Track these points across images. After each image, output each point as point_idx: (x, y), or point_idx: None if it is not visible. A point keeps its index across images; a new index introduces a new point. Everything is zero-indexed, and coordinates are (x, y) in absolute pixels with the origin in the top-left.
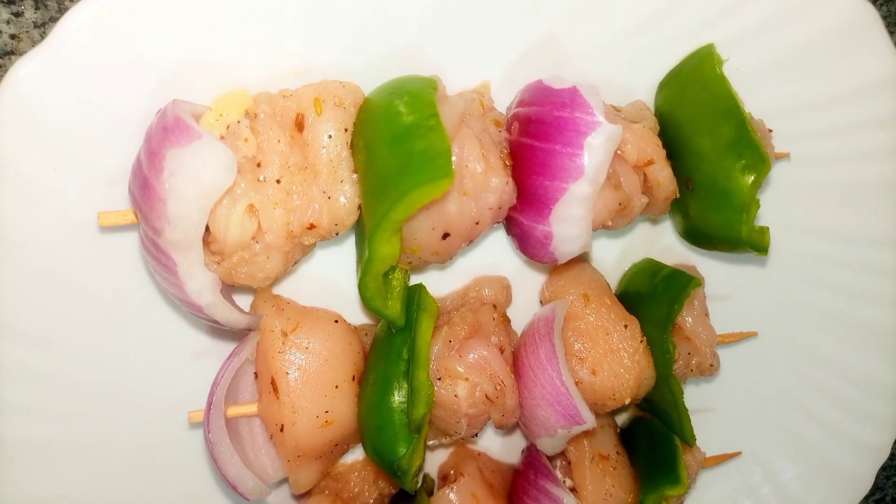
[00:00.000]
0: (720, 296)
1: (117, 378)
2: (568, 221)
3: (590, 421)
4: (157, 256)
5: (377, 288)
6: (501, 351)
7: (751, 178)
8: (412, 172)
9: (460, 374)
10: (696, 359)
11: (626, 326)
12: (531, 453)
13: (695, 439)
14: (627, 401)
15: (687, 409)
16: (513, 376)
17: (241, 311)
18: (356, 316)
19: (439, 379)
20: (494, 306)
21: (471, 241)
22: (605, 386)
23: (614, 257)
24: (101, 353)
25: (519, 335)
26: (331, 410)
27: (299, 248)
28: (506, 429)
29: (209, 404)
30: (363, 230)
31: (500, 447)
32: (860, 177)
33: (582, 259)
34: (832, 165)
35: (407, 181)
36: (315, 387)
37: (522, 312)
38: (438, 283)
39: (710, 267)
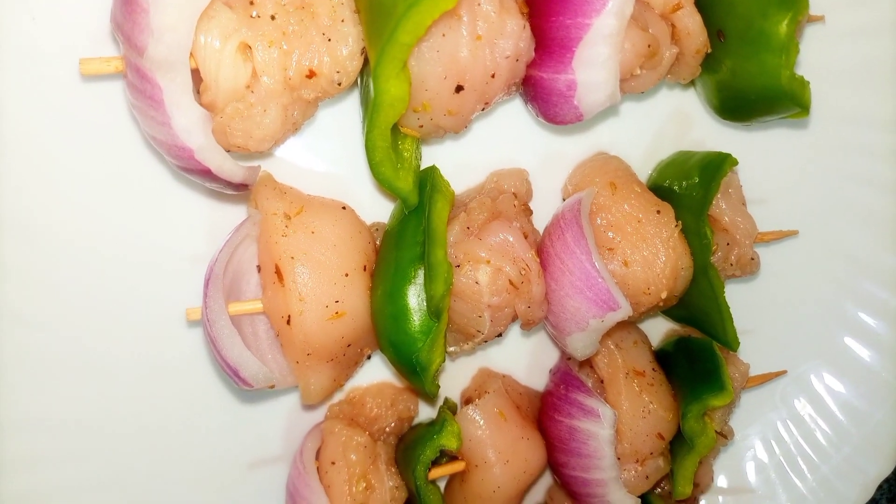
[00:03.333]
0: (756, 199)
1: (109, 278)
2: (593, 64)
3: (624, 306)
4: (143, 89)
5: (386, 150)
6: (525, 237)
7: (788, 16)
8: None
9: (481, 258)
10: (736, 251)
11: (658, 212)
12: (560, 369)
13: (738, 342)
14: (664, 294)
15: (728, 307)
16: (538, 261)
17: (237, 163)
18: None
19: (458, 266)
20: (515, 195)
21: (486, 103)
22: (639, 278)
23: (641, 155)
24: (91, 249)
25: (542, 234)
26: (341, 301)
27: (299, 104)
28: (532, 325)
29: (206, 281)
30: (368, 88)
31: (525, 371)
32: None
33: (605, 151)
34: (876, 38)
35: None
36: (323, 274)
37: (544, 213)
38: (452, 181)
39: (744, 166)
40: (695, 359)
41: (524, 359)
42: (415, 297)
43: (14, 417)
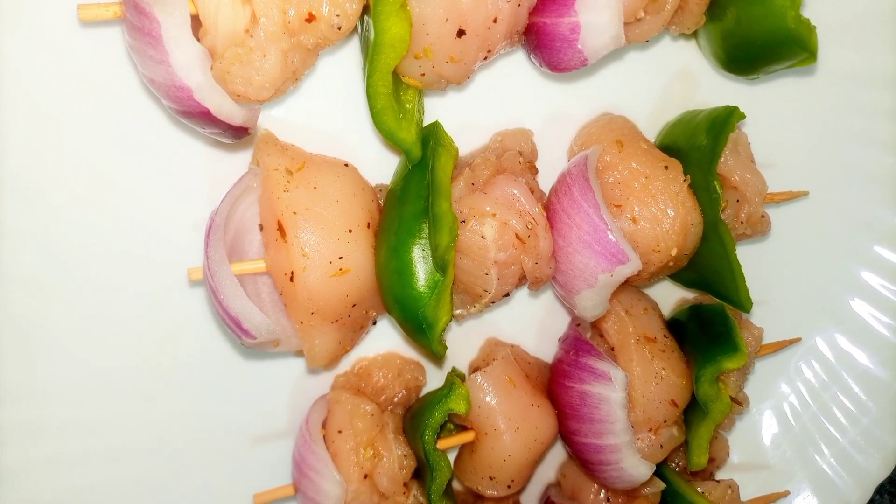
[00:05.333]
0: (765, 163)
1: (107, 241)
2: (596, 5)
3: (634, 259)
4: (141, 26)
5: (387, 97)
6: (531, 192)
7: None
8: None
9: (486, 212)
10: (746, 208)
11: (666, 168)
12: (569, 336)
13: (751, 302)
14: (673, 251)
15: (740, 265)
16: (545, 215)
17: (236, 105)
18: None
19: (463, 222)
20: (520, 153)
21: (489, 51)
22: (648, 235)
23: (646, 116)
24: (88, 212)
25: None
26: (345, 257)
27: (299, 51)
28: (540, 284)
29: (207, 231)
30: (368, 32)
31: (533, 341)
32: None
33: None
34: None
35: None
36: (326, 229)
37: (549, 176)
38: (455, 143)
39: (753, 129)
40: (707, 323)
41: (533, 328)
42: (420, 252)
43: (13, 386)
